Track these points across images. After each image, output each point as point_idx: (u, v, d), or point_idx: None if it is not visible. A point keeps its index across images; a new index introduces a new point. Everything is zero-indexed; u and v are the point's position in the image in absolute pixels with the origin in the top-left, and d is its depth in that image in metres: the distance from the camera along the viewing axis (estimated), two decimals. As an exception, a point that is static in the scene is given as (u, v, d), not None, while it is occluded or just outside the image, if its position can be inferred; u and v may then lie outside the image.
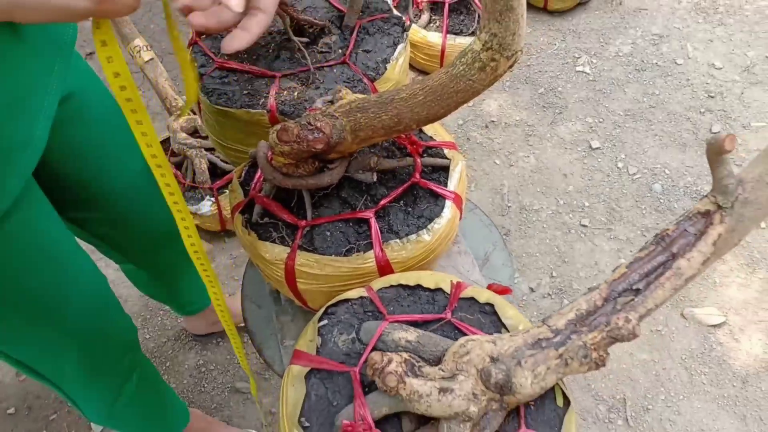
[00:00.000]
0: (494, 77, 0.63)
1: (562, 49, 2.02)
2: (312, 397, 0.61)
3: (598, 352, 0.55)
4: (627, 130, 1.81)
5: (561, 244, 1.60)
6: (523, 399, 0.56)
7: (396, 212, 0.71)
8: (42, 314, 0.76)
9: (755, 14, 2.08)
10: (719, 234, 0.56)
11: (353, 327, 0.64)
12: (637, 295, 0.57)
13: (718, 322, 1.45)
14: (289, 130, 0.63)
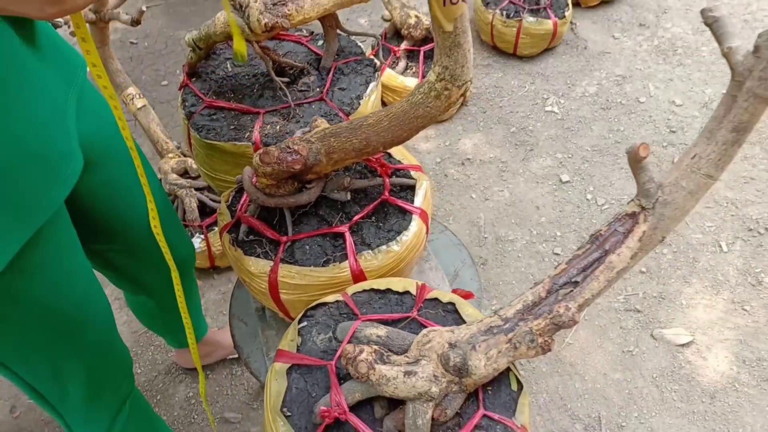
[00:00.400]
0: (448, 104, 0.72)
1: (532, 91, 2.15)
2: (293, 390, 0.68)
3: (543, 338, 0.63)
4: (595, 165, 1.92)
5: (535, 271, 1.68)
6: (478, 380, 0.63)
7: (368, 227, 0.80)
8: (57, 337, 0.81)
9: (711, 55, 2.23)
10: (644, 231, 0.65)
11: (330, 327, 0.72)
12: (576, 287, 0.65)
13: (686, 341, 1.52)
14: (270, 153, 0.72)
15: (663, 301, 1.60)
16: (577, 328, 1.57)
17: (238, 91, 1.00)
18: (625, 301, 1.61)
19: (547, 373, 1.49)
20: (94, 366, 0.89)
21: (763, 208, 1.77)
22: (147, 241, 1.00)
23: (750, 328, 1.53)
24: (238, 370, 1.56)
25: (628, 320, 1.57)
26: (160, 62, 2.44)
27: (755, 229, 1.73)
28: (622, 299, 1.61)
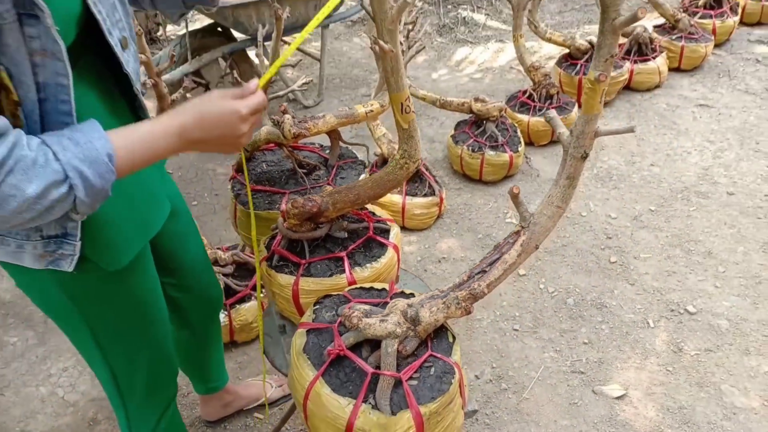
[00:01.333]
0: (407, 173, 1.18)
1: (495, 207, 2.65)
2: (309, 343, 1.06)
3: (464, 303, 1.03)
4: (546, 262, 2.35)
5: (499, 343, 2.05)
6: (426, 327, 1.02)
7: (359, 254, 1.22)
8: (140, 329, 1.17)
9: (640, 180, 2.76)
10: (523, 240, 1.07)
11: (334, 309, 1.11)
12: (485, 274, 1.06)
13: (620, 394, 1.85)
14: (297, 201, 1.17)
15: (602, 365, 1.95)
16: (532, 386, 1.90)
17: (270, 180, 1.47)
18: (571, 365, 1.96)
19: (508, 421, 1.81)
20: (155, 360, 1.22)
21: (683, 295, 2.17)
22: (196, 281, 1.40)
23: (672, 384, 1.88)
24: (251, 422, 1.86)
25: (574, 380, 1.91)
26: (191, 187, 2.96)
27: (676, 310, 2.12)
28: (569, 364, 1.96)
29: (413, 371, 1.01)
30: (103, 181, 0.80)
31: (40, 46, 0.77)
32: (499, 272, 1.06)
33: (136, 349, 1.18)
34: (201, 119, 0.89)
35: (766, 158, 2.86)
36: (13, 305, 2.32)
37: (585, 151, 1.03)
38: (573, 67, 3.30)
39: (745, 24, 4.15)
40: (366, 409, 0.96)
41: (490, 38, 4.36)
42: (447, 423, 1.03)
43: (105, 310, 1.08)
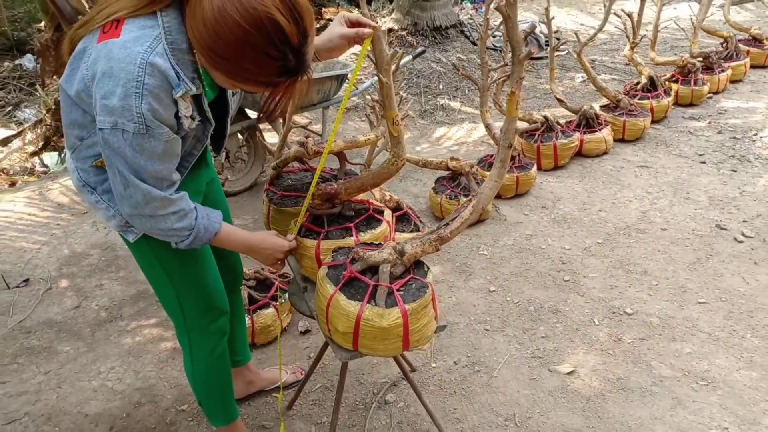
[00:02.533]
0: (396, 169, 1.71)
1: (470, 243, 3.17)
2: (330, 273, 1.55)
3: (435, 243, 1.53)
4: (512, 282, 2.84)
5: (473, 340, 2.50)
6: (409, 258, 1.51)
7: (362, 226, 1.73)
8: (202, 275, 1.63)
9: (590, 222, 3.31)
10: (474, 203, 1.59)
11: (346, 255, 1.61)
12: (447, 225, 1.57)
13: (570, 371, 2.29)
14: (321, 188, 1.69)
15: (556, 352, 2.40)
16: (500, 368, 2.34)
17: (295, 189, 1.99)
18: (531, 353, 2.41)
19: (480, 392, 2.23)
20: (210, 293, 1.67)
21: (622, 302, 2.66)
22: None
23: (612, 363, 2.32)
24: (270, 400, 2.26)
25: (534, 363, 2.36)
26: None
27: (617, 312, 2.60)
28: (529, 352, 2.41)
29: (400, 285, 1.49)
30: (202, 243, 1.43)
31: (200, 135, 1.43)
32: (457, 224, 1.57)
33: (196, 278, 1.63)
34: (263, 241, 1.58)
35: (695, 204, 3.44)
36: (64, 324, 2.74)
37: (509, 142, 1.57)
38: (532, 137, 3.95)
39: (680, 105, 4.89)
40: (369, 307, 1.44)
41: (464, 120, 5.06)
42: (424, 322, 1.50)
43: (177, 257, 1.57)
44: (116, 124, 1.20)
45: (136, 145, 1.23)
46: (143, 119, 1.20)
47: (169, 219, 1.35)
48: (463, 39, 6.74)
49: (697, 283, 2.75)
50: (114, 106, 1.19)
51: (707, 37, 5.94)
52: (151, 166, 1.27)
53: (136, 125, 1.20)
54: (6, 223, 3.62)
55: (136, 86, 1.18)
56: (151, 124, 1.22)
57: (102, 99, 1.20)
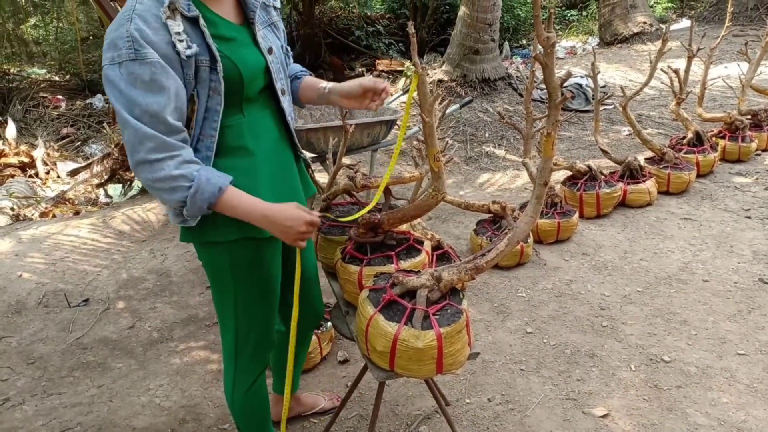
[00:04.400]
0: (436, 202, 1.83)
1: (509, 285, 3.22)
2: (371, 295, 1.65)
3: (471, 272, 1.63)
4: (550, 325, 2.88)
5: (508, 379, 2.53)
6: (446, 284, 1.61)
7: (403, 254, 1.83)
8: (262, 310, 1.66)
9: (630, 270, 3.33)
10: (509, 237, 1.68)
11: (386, 279, 1.71)
12: (483, 256, 1.66)
13: (604, 413, 2.30)
14: (366, 218, 1.81)
15: (591, 395, 2.41)
16: (534, 407, 2.36)
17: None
18: (566, 394, 2.43)
19: (512, 430, 2.26)
20: (263, 329, 1.70)
21: (660, 349, 2.66)
22: (308, 290, 1.88)
23: (647, 409, 2.32)
24: (308, 424, 2.34)
25: (568, 404, 2.37)
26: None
27: (654, 359, 2.60)
28: (564, 394, 2.43)
29: (436, 310, 1.58)
30: (207, 196, 1.35)
31: (215, 85, 1.42)
32: (493, 255, 1.66)
33: (256, 316, 1.67)
34: (283, 211, 1.45)
35: (738, 257, 3.41)
36: (118, 342, 2.91)
37: (545, 180, 1.67)
38: (575, 185, 4.01)
39: (726, 161, 4.88)
40: (406, 328, 1.53)
41: (508, 167, 5.17)
42: (458, 347, 1.58)
43: (249, 275, 1.59)
44: (113, 59, 1.29)
45: (127, 75, 1.28)
46: (132, 41, 1.28)
47: (166, 164, 1.32)
48: (510, 91, 6.91)
49: (737, 334, 2.73)
50: (111, 39, 1.30)
51: (757, 95, 5.93)
52: (141, 98, 1.30)
53: (126, 51, 1.28)
54: (71, 247, 3.88)
55: (127, 14, 1.31)
56: (140, 47, 1.28)
57: (105, 41, 1.32)
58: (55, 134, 7.64)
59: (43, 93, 9.00)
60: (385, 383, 2.50)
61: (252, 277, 1.62)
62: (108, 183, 5.25)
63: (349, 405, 2.38)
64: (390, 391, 2.48)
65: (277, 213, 1.44)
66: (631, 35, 9.83)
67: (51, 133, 7.68)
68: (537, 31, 1.47)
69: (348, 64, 10.02)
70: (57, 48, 11.17)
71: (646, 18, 10.02)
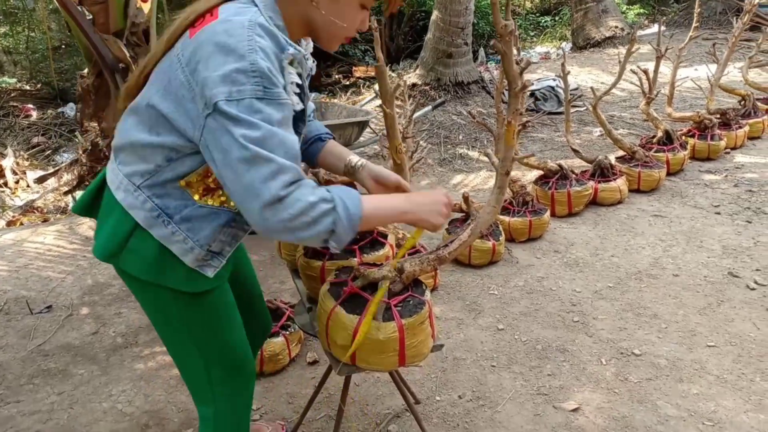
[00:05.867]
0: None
1: (481, 283, 3.20)
2: (332, 289, 1.61)
3: (432, 263, 1.60)
4: (521, 321, 2.86)
5: (479, 375, 2.51)
6: (408, 276, 1.58)
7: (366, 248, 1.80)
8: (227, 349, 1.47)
9: (601, 267, 3.33)
10: (472, 227, 1.66)
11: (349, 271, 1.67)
12: (446, 246, 1.64)
13: (575, 407, 2.28)
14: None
15: (562, 389, 2.40)
16: (504, 403, 2.34)
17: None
18: (537, 389, 2.40)
19: (483, 426, 2.23)
20: (242, 366, 1.52)
21: (631, 343, 2.65)
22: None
23: (618, 401, 2.31)
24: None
25: (539, 399, 2.35)
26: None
27: (625, 353, 2.59)
28: (535, 389, 2.41)
29: (398, 301, 1.55)
30: (354, 210, 1.18)
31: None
32: (455, 246, 1.64)
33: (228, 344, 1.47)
34: (425, 194, 1.38)
35: (708, 252, 3.44)
36: (81, 348, 2.83)
37: (507, 170, 1.65)
38: (546, 184, 4.02)
39: (696, 159, 4.93)
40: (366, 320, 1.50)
41: (482, 168, 5.17)
42: (420, 339, 1.54)
43: (207, 317, 1.41)
44: (231, 94, 1.10)
45: (253, 112, 1.12)
46: (261, 78, 1.12)
47: (300, 193, 1.14)
48: (484, 94, 6.94)
49: (707, 327, 2.74)
50: (228, 71, 1.11)
51: (726, 96, 6.02)
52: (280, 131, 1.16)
53: (253, 87, 1.11)
54: (35, 254, 3.78)
55: (249, 46, 1.12)
56: (270, 85, 1.13)
57: (213, 72, 1.11)
58: (26, 143, 7.50)
59: (14, 102, 8.85)
60: (355, 383, 2.47)
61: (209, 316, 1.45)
62: (76, 190, 5.14)
63: (317, 406, 2.34)
64: (359, 390, 2.44)
65: (421, 196, 1.37)
66: (603, 39, 9.95)
67: (21, 142, 7.54)
68: (495, 19, 1.45)
69: (324, 71, 10.00)
70: (28, 57, 10.98)
71: (618, 22, 10.16)
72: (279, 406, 2.39)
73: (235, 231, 1.39)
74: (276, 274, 3.42)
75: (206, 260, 1.33)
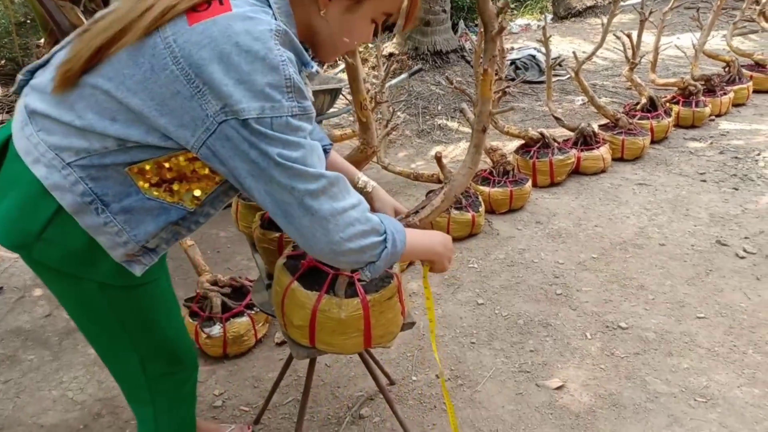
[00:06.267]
0: (365, 156, 1.62)
1: (460, 257, 3.05)
2: (288, 263, 1.43)
3: (402, 230, 1.42)
4: (502, 295, 2.71)
5: (458, 353, 2.36)
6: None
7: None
8: (165, 342, 1.29)
9: (585, 237, 3.19)
10: (446, 191, 1.48)
11: (307, 244, 1.50)
12: (417, 213, 1.46)
13: (559, 385, 2.14)
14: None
15: (545, 366, 2.26)
16: (484, 382, 2.19)
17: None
18: (519, 367, 2.26)
19: (462, 407, 2.08)
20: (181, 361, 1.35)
21: (617, 316, 2.52)
22: None
23: (604, 378, 2.17)
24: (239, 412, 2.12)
25: (520, 377, 2.21)
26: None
27: (611, 326, 2.46)
28: (517, 366, 2.27)
29: (363, 275, 1.38)
30: (400, 247, 1.14)
31: None
32: (427, 212, 1.46)
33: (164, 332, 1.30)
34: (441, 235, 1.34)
35: (695, 220, 3.31)
36: (32, 332, 2.63)
37: (484, 126, 1.47)
38: (528, 153, 3.86)
39: (680, 126, 4.80)
40: (327, 297, 1.32)
41: (461, 139, 4.99)
42: (388, 317, 1.38)
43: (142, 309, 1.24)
44: (264, 111, 0.96)
45: (291, 131, 1.00)
46: (296, 94, 1.00)
47: (355, 215, 1.09)
48: (463, 64, 6.73)
49: (696, 298, 2.61)
50: (260, 85, 0.95)
51: (710, 63, 5.89)
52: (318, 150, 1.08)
53: (290, 104, 0.99)
54: (-14, 233, 3.54)
55: (280, 56, 0.97)
56: (303, 99, 1.01)
57: (239, 81, 0.95)
58: (-11, 120, 7.16)
59: (-26, 78, 8.45)
60: (326, 365, 2.31)
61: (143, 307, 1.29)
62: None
63: (284, 390, 2.17)
64: (331, 372, 2.28)
65: (447, 239, 1.34)
66: (585, 9, 9.76)
67: (-17, 119, 7.20)
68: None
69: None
70: (-11, 32, 10.52)
71: (599, -9, 9.96)
72: (244, 391, 2.22)
73: (179, 230, 1.18)
74: (244, 251, 3.23)
75: (137, 256, 1.13)
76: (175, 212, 1.14)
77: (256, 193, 1.04)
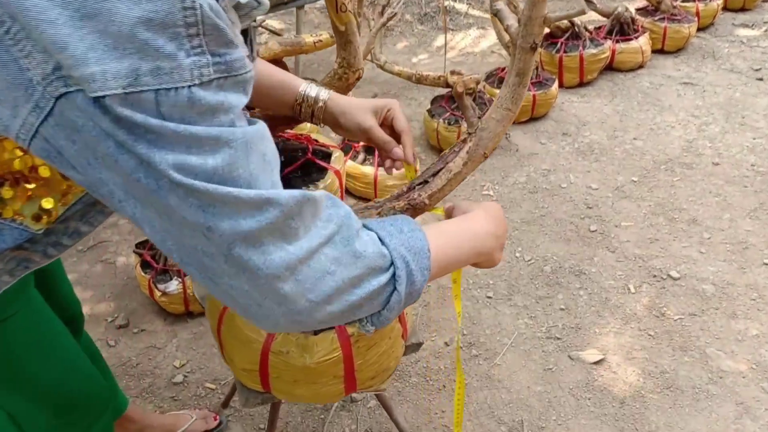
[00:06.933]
0: (347, 85, 1.07)
1: (472, 180, 2.54)
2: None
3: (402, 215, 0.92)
4: (523, 232, 2.24)
5: (471, 311, 1.93)
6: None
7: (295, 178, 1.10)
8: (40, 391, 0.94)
9: (622, 153, 2.66)
10: (470, 147, 0.96)
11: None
12: (426, 184, 0.95)
13: (598, 359, 1.73)
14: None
15: (579, 331, 1.83)
16: (505, 351, 1.78)
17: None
18: (546, 331, 1.84)
19: (477, 387, 1.68)
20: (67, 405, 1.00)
21: (666, 261, 2.06)
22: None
23: (654, 349, 1.76)
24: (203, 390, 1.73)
25: (549, 346, 1.79)
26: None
27: (659, 276, 2.01)
28: (544, 330, 1.84)
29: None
30: (420, 279, 0.68)
31: None
32: (442, 182, 0.95)
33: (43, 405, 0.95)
34: (481, 216, 0.83)
35: (752, 131, 2.76)
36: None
37: (534, 41, 0.92)
38: (553, 45, 3.22)
39: (729, 10, 4.08)
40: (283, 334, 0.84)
41: (471, 25, 4.29)
42: (382, 350, 0.91)
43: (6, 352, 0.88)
44: (138, 78, 0.47)
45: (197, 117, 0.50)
46: (206, 42, 0.49)
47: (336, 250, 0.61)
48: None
49: (761, 237, 2.14)
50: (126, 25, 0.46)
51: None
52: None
53: (197, 61, 0.49)
54: None
55: None
56: (229, 54, 0.51)
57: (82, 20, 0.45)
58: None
59: None
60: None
61: None
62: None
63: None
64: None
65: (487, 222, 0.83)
66: None
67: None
68: None
69: None
70: None
71: None
72: (210, 362, 1.82)
73: (29, 256, 0.73)
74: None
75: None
76: (11, 234, 0.67)
77: (146, 229, 0.56)
